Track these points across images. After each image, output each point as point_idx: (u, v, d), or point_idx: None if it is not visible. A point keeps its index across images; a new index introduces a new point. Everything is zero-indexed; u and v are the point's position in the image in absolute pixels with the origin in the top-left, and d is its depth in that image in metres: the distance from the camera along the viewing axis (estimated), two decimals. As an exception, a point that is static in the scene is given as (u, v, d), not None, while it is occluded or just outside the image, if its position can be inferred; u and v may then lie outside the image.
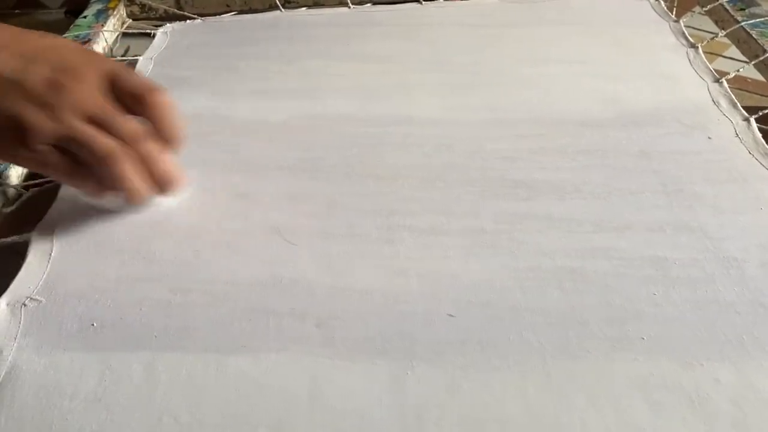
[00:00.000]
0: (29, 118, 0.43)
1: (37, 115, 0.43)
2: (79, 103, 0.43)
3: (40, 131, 0.43)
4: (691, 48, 0.66)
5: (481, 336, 0.40)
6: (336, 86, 0.63)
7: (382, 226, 0.48)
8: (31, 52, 0.44)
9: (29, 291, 0.44)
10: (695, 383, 0.37)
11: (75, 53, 0.46)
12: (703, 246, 0.45)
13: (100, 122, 0.44)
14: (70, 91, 0.43)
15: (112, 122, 0.44)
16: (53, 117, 0.43)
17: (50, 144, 0.43)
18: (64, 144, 0.43)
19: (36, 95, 0.43)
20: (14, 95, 0.43)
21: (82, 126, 0.43)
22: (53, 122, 0.43)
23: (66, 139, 0.43)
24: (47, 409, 0.37)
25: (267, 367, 0.39)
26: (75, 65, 0.45)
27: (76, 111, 0.43)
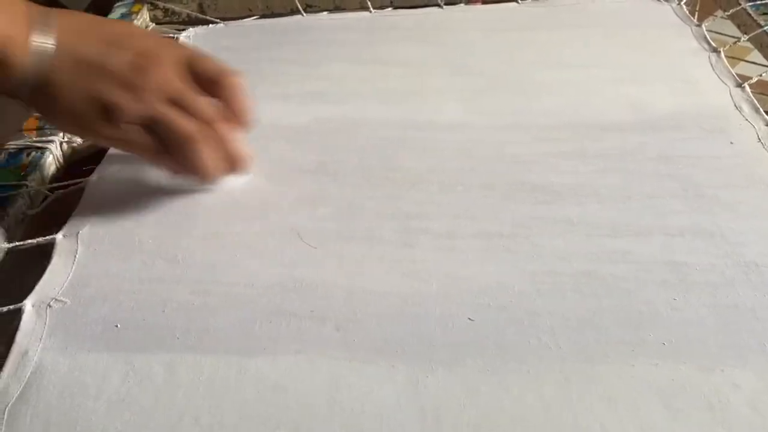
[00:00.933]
0: (115, 98, 0.45)
1: (123, 96, 0.45)
2: (161, 86, 0.46)
3: (126, 110, 0.45)
4: (713, 52, 0.66)
5: (499, 339, 0.40)
6: (357, 90, 0.64)
7: (401, 229, 0.48)
8: (112, 38, 0.47)
9: (54, 292, 0.45)
10: (715, 388, 0.37)
11: (153, 39, 0.49)
12: (723, 251, 0.45)
13: (179, 103, 0.47)
14: (152, 74, 0.46)
15: (191, 104, 0.47)
16: (138, 98, 0.46)
17: (135, 123, 0.46)
18: (147, 123, 0.46)
19: (121, 77, 0.46)
20: (100, 77, 0.46)
21: (164, 107, 0.46)
22: (138, 103, 0.46)
23: (150, 119, 0.46)
24: (72, 409, 0.38)
25: (286, 369, 0.39)
26: (155, 50, 0.48)
27: (158, 93, 0.46)
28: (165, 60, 0.47)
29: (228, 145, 0.49)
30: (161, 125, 0.46)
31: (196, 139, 0.47)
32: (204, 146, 0.47)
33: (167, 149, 0.47)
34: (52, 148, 0.59)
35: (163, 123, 0.46)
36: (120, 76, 0.46)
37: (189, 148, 0.47)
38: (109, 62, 0.46)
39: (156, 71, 0.46)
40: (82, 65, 0.46)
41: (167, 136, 0.47)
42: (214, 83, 0.49)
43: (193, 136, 0.47)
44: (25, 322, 0.43)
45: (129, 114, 0.46)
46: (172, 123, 0.46)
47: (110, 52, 0.46)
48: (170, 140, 0.47)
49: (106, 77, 0.46)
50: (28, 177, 0.55)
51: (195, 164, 0.48)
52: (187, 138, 0.47)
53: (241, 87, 0.49)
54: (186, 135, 0.46)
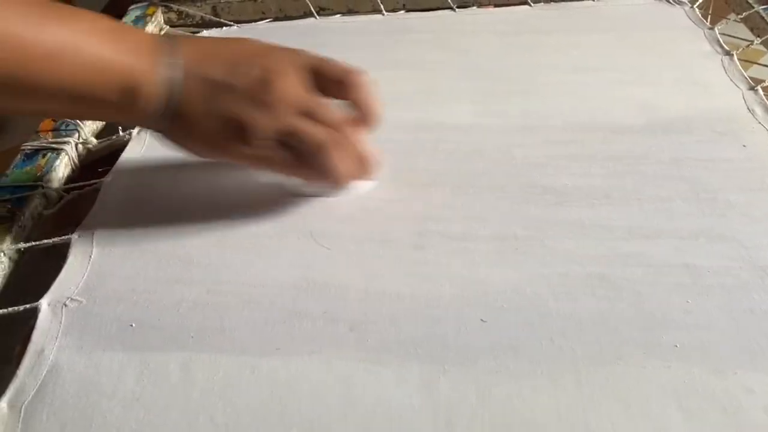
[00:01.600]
0: (248, 117, 0.46)
1: (255, 114, 0.46)
2: (288, 98, 0.47)
3: (260, 128, 0.46)
4: (726, 55, 0.66)
5: (512, 341, 0.40)
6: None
7: (414, 231, 0.48)
8: (235, 57, 0.48)
9: (70, 292, 0.45)
10: (728, 392, 0.37)
11: (275, 51, 0.49)
12: (737, 254, 0.45)
13: (309, 113, 0.47)
14: (279, 88, 0.46)
15: (320, 112, 0.48)
16: (269, 114, 0.46)
17: (269, 139, 0.46)
18: (281, 138, 0.47)
19: (250, 95, 0.46)
20: (230, 98, 0.46)
21: (295, 119, 0.47)
22: (270, 119, 0.46)
23: (284, 133, 0.46)
24: (87, 408, 0.38)
25: (300, 369, 0.40)
26: (278, 63, 0.48)
27: (287, 105, 0.46)
28: (289, 71, 0.47)
29: (358, 149, 0.49)
30: (294, 138, 0.47)
31: (329, 146, 0.47)
32: (336, 153, 0.47)
33: (302, 160, 0.47)
34: (68, 150, 0.59)
35: (296, 135, 0.46)
36: (249, 94, 0.46)
37: (323, 157, 0.47)
38: (236, 81, 0.46)
39: (282, 84, 0.46)
40: (211, 88, 0.46)
41: (301, 147, 0.47)
42: (340, 84, 0.49)
43: (325, 144, 0.47)
44: (41, 321, 0.43)
45: (262, 130, 0.46)
46: (305, 134, 0.46)
47: (236, 71, 0.47)
48: (304, 151, 0.47)
49: (235, 97, 0.46)
50: (44, 178, 0.56)
51: (329, 172, 0.48)
52: (320, 147, 0.47)
53: (367, 85, 0.50)
54: (319, 144, 0.47)
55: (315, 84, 0.49)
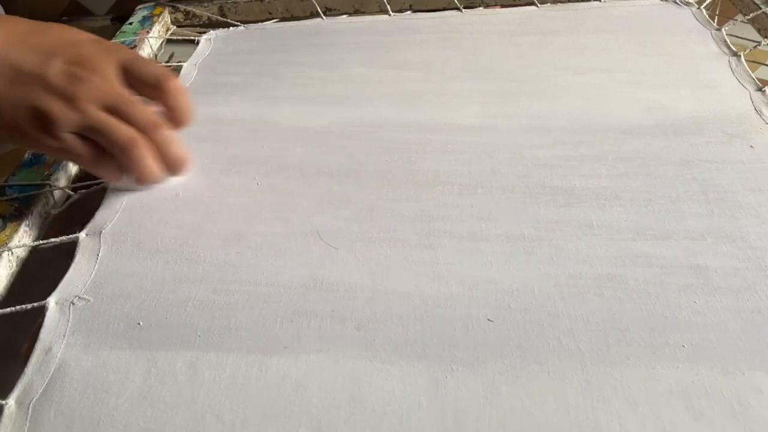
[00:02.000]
0: (52, 108, 0.46)
1: (59, 106, 0.46)
2: (97, 93, 0.47)
3: (62, 120, 0.46)
4: (734, 56, 0.66)
5: (520, 341, 0.40)
6: (376, 93, 0.64)
7: (422, 231, 0.48)
8: (48, 46, 0.47)
9: (78, 290, 0.45)
10: (737, 392, 0.37)
11: (91, 45, 0.49)
12: (745, 255, 0.45)
13: (117, 110, 0.47)
14: (88, 82, 0.46)
15: (129, 110, 0.47)
16: (74, 107, 0.46)
17: (73, 132, 0.47)
18: (85, 132, 0.47)
19: (57, 87, 0.46)
20: (36, 88, 0.46)
21: (101, 115, 0.47)
22: (74, 112, 0.46)
23: (87, 128, 0.47)
24: (95, 406, 0.38)
25: (308, 369, 0.40)
26: (92, 57, 0.48)
27: (95, 100, 0.46)
28: (101, 66, 0.47)
29: (167, 149, 0.49)
30: (98, 133, 0.47)
31: (134, 144, 0.47)
32: (143, 151, 0.48)
33: (107, 157, 0.48)
34: (75, 148, 0.59)
35: (100, 130, 0.47)
36: (55, 86, 0.46)
37: (127, 154, 0.47)
38: (44, 71, 0.46)
39: (92, 79, 0.46)
40: (18, 75, 0.46)
41: (105, 143, 0.47)
42: (152, 87, 0.49)
43: (130, 141, 0.47)
44: (49, 320, 0.43)
45: (65, 123, 0.46)
46: (109, 129, 0.47)
47: (46, 60, 0.46)
48: (108, 147, 0.47)
49: (41, 87, 0.46)
50: (52, 177, 0.56)
51: (134, 169, 0.48)
52: (125, 144, 0.47)
53: (179, 90, 0.50)
54: (123, 141, 0.47)
55: (129, 82, 0.49)
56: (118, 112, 0.47)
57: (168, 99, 0.50)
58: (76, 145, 0.47)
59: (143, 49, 0.75)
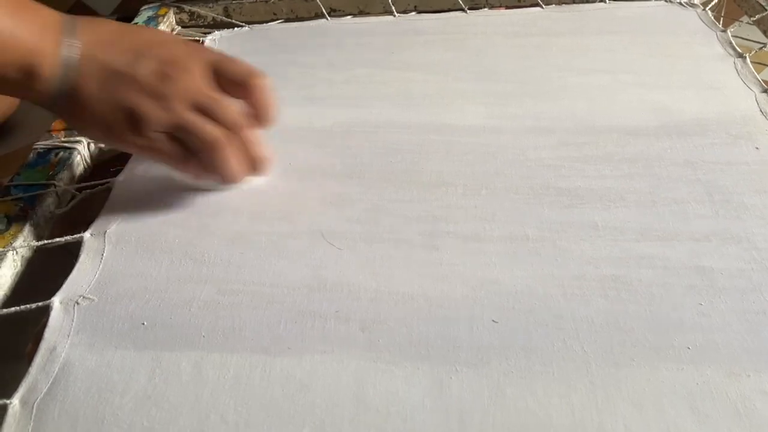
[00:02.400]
0: (143, 107, 0.46)
1: (150, 105, 0.46)
2: (186, 93, 0.47)
3: (153, 120, 0.46)
4: (739, 58, 0.66)
5: (525, 342, 0.40)
6: (381, 94, 0.64)
7: (426, 232, 0.48)
8: (138, 47, 0.48)
9: (82, 290, 0.45)
10: (741, 394, 0.37)
11: (178, 45, 0.49)
12: (750, 256, 0.45)
13: (205, 110, 0.47)
14: (177, 82, 0.47)
15: (216, 109, 0.48)
16: (164, 107, 0.46)
17: (161, 131, 0.47)
18: (174, 131, 0.47)
19: (147, 86, 0.46)
20: (128, 87, 0.46)
21: (190, 115, 0.47)
22: (164, 111, 0.46)
23: (176, 127, 0.47)
24: (99, 405, 0.38)
25: (312, 369, 0.40)
26: (180, 57, 0.48)
27: (184, 100, 0.47)
28: (190, 66, 0.48)
29: (251, 149, 0.50)
30: (186, 132, 0.47)
31: (221, 144, 0.48)
32: (228, 151, 0.48)
33: (192, 156, 0.48)
34: (80, 148, 0.60)
35: (189, 130, 0.47)
36: (146, 85, 0.46)
37: (214, 155, 0.48)
38: (134, 71, 0.47)
39: (181, 78, 0.47)
40: (109, 74, 0.46)
41: (193, 142, 0.48)
42: (240, 86, 0.49)
43: (217, 142, 0.47)
44: (54, 319, 0.43)
45: (155, 122, 0.46)
46: (197, 130, 0.47)
47: (136, 60, 0.47)
48: (196, 147, 0.48)
49: (132, 86, 0.46)
50: (57, 176, 0.56)
51: (220, 169, 0.49)
52: (212, 144, 0.47)
53: (266, 88, 0.50)
54: (211, 141, 0.47)
55: (215, 81, 0.49)
56: (205, 111, 0.47)
57: (255, 97, 0.50)
58: (165, 144, 0.48)
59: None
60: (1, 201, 0.53)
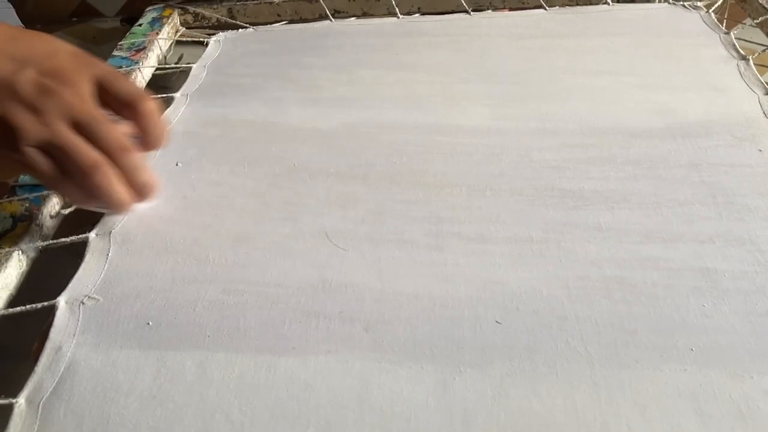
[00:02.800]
0: (17, 120, 0.43)
1: (25, 118, 0.43)
2: (66, 108, 0.44)
3: (26, 134, 0.43)
4: (742, 60, 0.66)
5: (529, 343, 0.40)
6: (385, 95, 0.64)
7: (431, 233, 0.48)
8: (23, 54, 0.45)
9: (87, 290, 0.45)
10: (745, 395, 0.37)
11: (68, 57, 0.47)
12: (754, 258, 0.45)
13: (85, 128, 0.45)
14: (58, 96, 0.44)
15: (98, 130, 0.45)
16: (41, 121, 0.44)
17: (36, 148, 0.44)
18: (49, 150, 0.44)
19: (25, 98, 0.44)
20: (7, 97, 0.44)
21: (68, 134, 0.44)
22: (40, 126, 0.44)
23: (51, 145, 0.44)
24: (104, 405, 0.38)
25: (316, 369, 0.40)
26: (66, 69, 0.45)
27: (63, 116, 0.44)
28: (72, 80, 0.45)
29: (133, 175, 0.47)
30: (62, 152, 0.44)
31: (99, 168, 0.44)
32: (107, 176, 0.45)
33: (69, 178, 0.45)
34: (85, 149, 0.60)
35: (63, 150, 0.44)
36: (23, 96, 0.44)
37: (89, 178, 0.45)
38: (14, 80, 0.44)
39: (61, 93, 0.44)
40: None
41: (68, 164, 0.44)
42: (126, 106, 0.47)
43: (94, 165, 0.44)
44: (59, 319, 0.44)
45: (28, 137, 0.43)
46: (73, 151, 0.44)
47: (17, 68, 0.44)
48: (70, 168, 0.44)
49: (9, 96, 0.44)
50: (62, 177, 0.56)
51: (98, 194, 0.46)
52: (88, 167, 0.44)
53: (153, 111, 0.48)
54: (87, 164, 0.44)
55: (103, 98, 0.47)
56: (85, 130, 0.45)
57: (141, 120, 0.48)
58: (40, 161, 0.44)
59: (152, 51, 0.75)
60: (7, 201, 0.53)
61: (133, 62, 0.72)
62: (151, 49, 0.75)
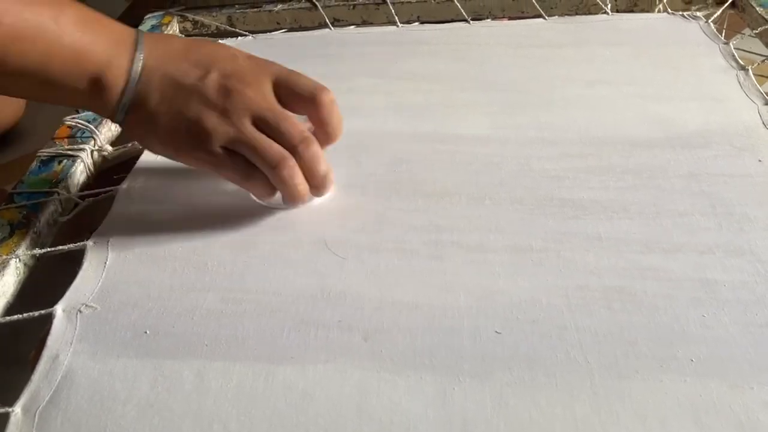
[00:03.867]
0: (206, 122, 0.46)
1: (214, 120, 0.47)
2: (250, 108, 0.47)
3: (216, 135, 0.46)
4: (741, 70, 0.66)
5: (528, 353, 0.40)
6: (385, 104, 0.64)
7: (430, 242, 0.48)
8: (204, 61, 0.48)
9: (85, 298, 0.45)
10: (745, 406, 0.37)
11: (244, 60, 0.50)
12: (754, 269, 0.45)
13: (269, 125, 0.47)
14: (239, 96, 0.47)
15: (281, 125, 0.47)
16: (228, 122, 0.47)
17: (225, 147, 0.47)
18: (237, 148, 0.47)
19: (211, 101, 0.47)
20: (192, 101, 0.47)
21: (253, 131, 0.47)
22: (228, 126, 0.47)
23: (240, 143, 0.47)
24: (101, 414, 0.38)
25: (315, 378, 0.39)
26: (245, 71, 0.48)
27: (248, 115, 0.47)
28: (253, 80, 0.48)
29: (315, 167, 0.48)
30: (250, 149, 0.47)
31: (284, 162, 0.47)
32: (292, 170, 0.47)
33: (256, 173, 0.48)
34: (84, 157, 0.60)
35: (252, 147, 0.47)
36: (210, 99, 0.47)
37: (276, 173, 0.47)
38: (199, 85, 0.47)
39: (244, 93, 0.47)
40: (174, 88, 0.47)
41: (256, 160, 0.47)
42: (307, 101, 0.49)
43: (279, 160, 0.47)
44: (56, 327, 0.43)
45: (218, 137, 0.46)
46: (261, 147, 0.47)
47: (201, 74, 0.47)
48: (259, 165, 0.47)
49: (196, 100, 0.47)
50: (60, 184, 0.56)
51: (284, 187, 0.48)
52: (276, 162, 0.47)
53: (333, 104, 0.50)
54: (272, 159, 0.47)
55: (281, 96, 0.49)
56: (269, 126, 0.47)
57: (321, 113, 0.49)
58: (228, 160, 0.47)
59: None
60: (5, 208, 0.53)
61: (133, 70, 0.71)
62: (151, 56, 0.75)
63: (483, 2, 0.82)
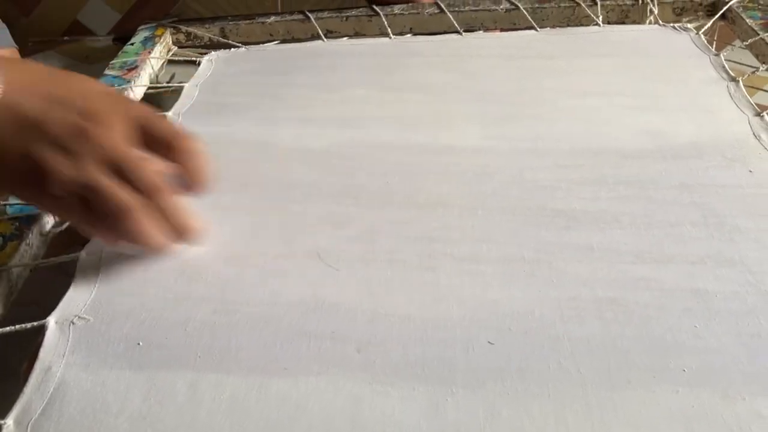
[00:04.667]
0: (50, 163, 0.42)
1: (58, 161, 0.42)
2: (101, 151, 0.43)
3: (59, 178, 0.42)
4: (732, 81, 0.66)
5: (521, 364, 0.40)
6: (377, 115, 0.64)
7: (423, 253, 0.48)
8: (57, 95, 0.44)
9: (77, 309, 0.45)
10: (737, 417, 0.37)
11: (102, 97, 0.46)
12: (745, 279, 0.45)
13: (120, 171, 0.44)
14: (93, 138, 0.43)
15: (133, 172, 0.44)
16: (74, 165, 0.42)
17: (68, 190, 0.43)
18: (82, 193, 0.43)
19: (59, 140, 0.43)
20: (38, 138, 0.43)
21: (100, 177, 0.43)
22: (73, 170, 0.42)
23: (84, 188, 0.43)
24: (94, 426, 0.38)
25: (308, 391, 0.39)
26: (101, 111, 0.44)
27: (97, 159, 0.43)
28: (110, 122, 0.44)
29: (171, 216, 0.46)
30: (95, 196, 0.43)
31: (132, 211, 0.43)
32: (141, 219, 0.44)
33: (102, 220, 0.44)
34: (76, 168, 0.59)
35: (96, 193, 0.43)
36: (57, 138, 0.43)
37: (123, 221, 0.44)
38: (48, 122, 0.43)
39: (98, 135, 0.43)
40: (22, 123, 0.43)
41: (101, 207, 0.43)
42: (164, 146, 0.46)
43: (127, 209, 0.43)
44: (49, 339, 0.43)
45: (62, 181, 0.42)
46: (106, 194, 0.43)
47: (51, 109, 0.43)
48: (104, 211, 0.43)
49: (43, 138, 0.42)
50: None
51: (131, 237, 0.45)
52: (121, 210, 0.43)
53: (197, 151, 0.47)
54: (120, 207, 0.43)
55: (141, 140, 0.46)
56: (120, 173, 0.43)
57: (181, 159, 0.46)
58: (73, 204, 0.44)
59: (145, 70, 0.75)
60: (-3, 220, 0.53)
61: (125, 81, 0.72)
62: (143, 68, 0.75)
63: (475, 14, 0.82)
